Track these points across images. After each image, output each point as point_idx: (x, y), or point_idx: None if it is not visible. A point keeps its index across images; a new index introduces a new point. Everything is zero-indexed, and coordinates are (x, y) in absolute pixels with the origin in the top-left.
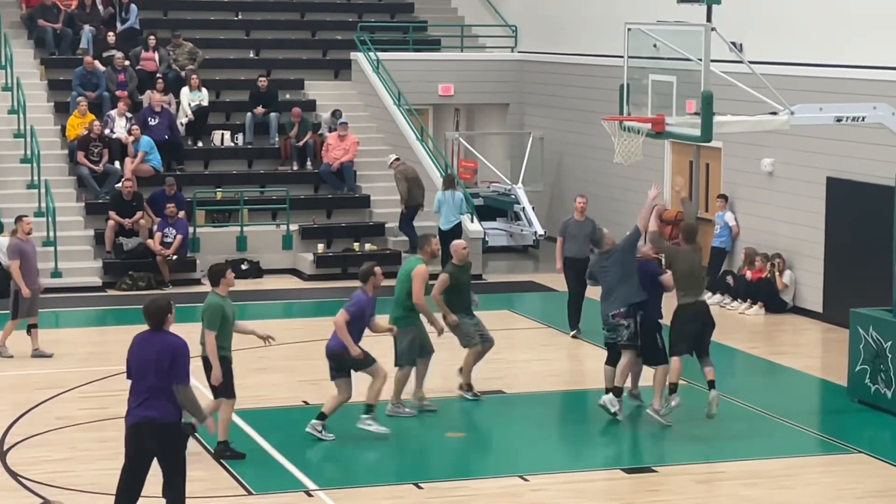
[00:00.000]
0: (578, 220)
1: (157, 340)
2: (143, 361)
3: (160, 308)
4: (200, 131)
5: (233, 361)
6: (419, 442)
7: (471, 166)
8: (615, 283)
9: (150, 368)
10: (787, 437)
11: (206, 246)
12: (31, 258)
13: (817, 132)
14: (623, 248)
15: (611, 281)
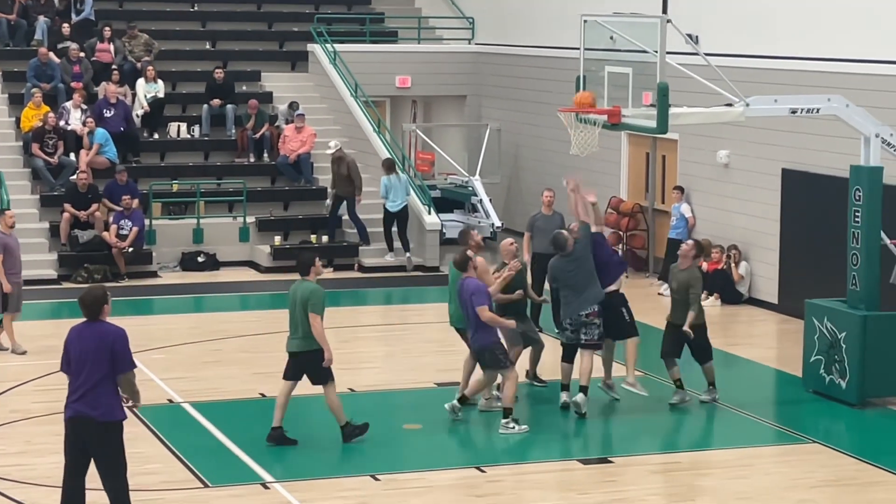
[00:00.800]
0: (546, 215)
1: (96, 331)
2: (82, 353)
3: (97, 298)
4: (156, 123)
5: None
6: (376, 434)
7: (428, 158)
8: (584, 284)
9: (89, 360)
10: (743, 427)
11: (162, 238)
12: (14, 252)
13: (772, 124)
14: (583, 248)
15: (579, 282)
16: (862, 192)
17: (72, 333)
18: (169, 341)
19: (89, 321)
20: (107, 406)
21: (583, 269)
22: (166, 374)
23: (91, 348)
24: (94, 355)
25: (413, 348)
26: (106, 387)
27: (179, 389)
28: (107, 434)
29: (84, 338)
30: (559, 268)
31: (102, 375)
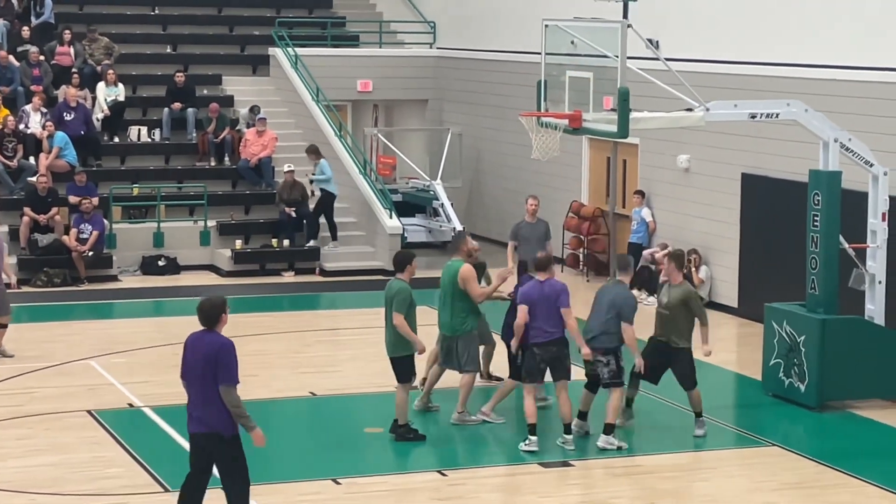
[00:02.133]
0: (530, 223)
1: (206, 341)
2: (194, 364)
3: (215, 306)
4: (117, 127)
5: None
6: (337, 437)
7: (389, 162)
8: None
9: (199, 372)
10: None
11: (122, 242)
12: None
13: (732, 129)
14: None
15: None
16: (821, 196)
17: (188, 342)
18: (130, 345)
19: (205, 330)
20: (216, 420)
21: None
22: (127, 379)
23: (200, 359)
24: (202, 367)
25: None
26: (215, 400)
27: (141, 394)
28: (218, 448)
29: (196, 348)
30: (614, 292)
31: (211, 389)
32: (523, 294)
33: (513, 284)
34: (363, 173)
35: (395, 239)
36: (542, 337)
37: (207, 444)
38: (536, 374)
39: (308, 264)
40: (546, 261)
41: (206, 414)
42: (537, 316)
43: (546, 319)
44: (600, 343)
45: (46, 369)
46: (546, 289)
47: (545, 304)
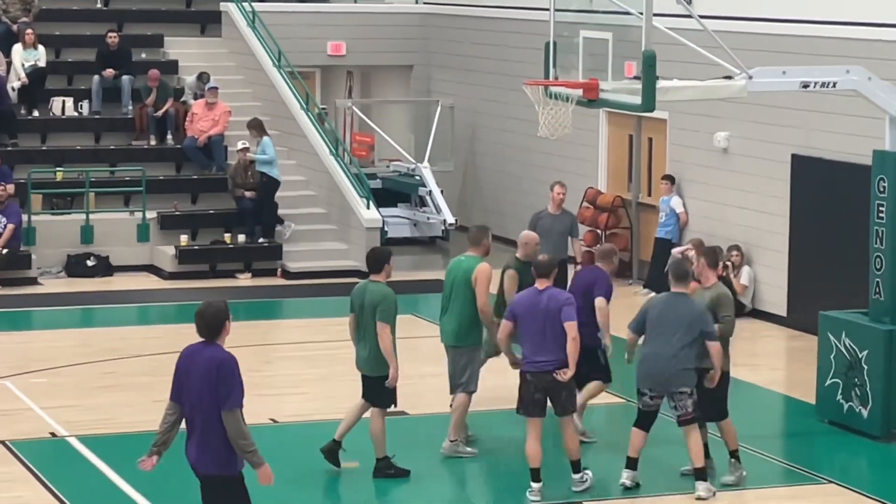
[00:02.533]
0: (553, 214)
1: (206, 356)
2: (189, 384)
3: (219, 311)
4: (36, 98)
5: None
6: (303, 472)
7: (366, 141)
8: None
9: (195, 394)
10: (747, 465)
11: (43, 237)
12: None
13: (780, 101)
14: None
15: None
16: (887, 181)
17: (183, 356)
18: (52, 362)
19: (204, 342)
20: (221, 457)
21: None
22: (49, 403)
23: (198, 378)
24: (199, 388)
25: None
26: (218, 430)
27: (65, 421)
28: (224, 491)
29: (193, 364)
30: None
31: (212, 415)
32: (513, 304)
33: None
34: (335, 155)
35: (372, 234)
36: (533, 366)
37: (210, 488)
38: (532, 407)
39: (268, 264)
40: (549, 266)
41: (207, 449)
42: (528, 334)
43: (538, 341)
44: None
45: None
46: (545, 300)
47: (540, 319)
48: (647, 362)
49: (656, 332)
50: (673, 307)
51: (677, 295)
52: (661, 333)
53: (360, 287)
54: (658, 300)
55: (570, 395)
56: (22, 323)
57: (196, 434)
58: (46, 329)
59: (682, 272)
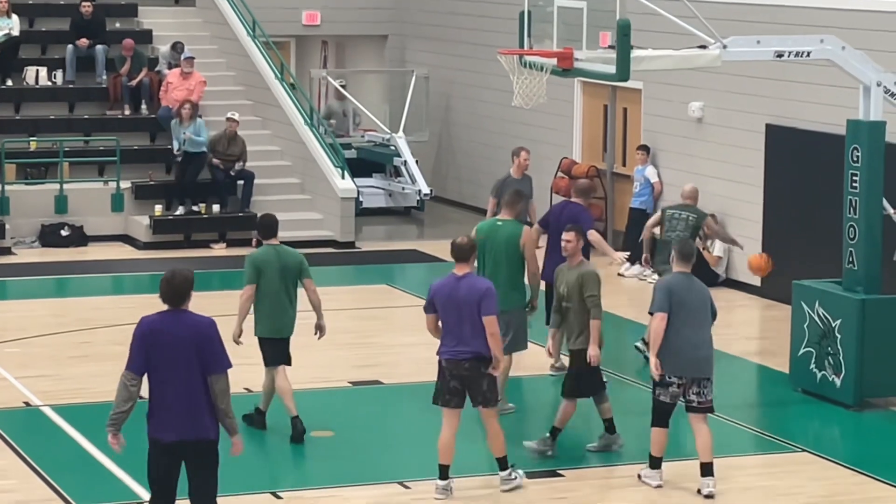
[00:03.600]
0: (517, 178)
1: (188, 323)
2: (174, 354)
3: (187, 279)
4: (9, 67)
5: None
6: (278, 444)
7: None
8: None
9: (182, 363)
10: (719, 433)
11: (16, 207)
12: None
13: (755, 70)
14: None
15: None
16: (861, 151)
17: (157, 326)
18: (26, 332)
19: (175, 310)
20: (207, 422)
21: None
22: (23, 372)
23: (185, 346)
24: (187, 356)
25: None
26: (202, 397)
27: (39, 390)
28: (203, 456)
29: (177, 333)
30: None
31: (198, 382)
32: (431, 292)
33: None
34: (309, 125)
35: (347, 203)
36: (450, 353)
37: (188, 455)
38: (450, 397)
39: (243, 234)
40: (469, 249)
41: (193, 416)
42: (446, 324)
43: (457, 332)
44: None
45: None
46: (463, 289)
47: (458, 309)
48: (684, 350)
49: (683, 317)
50: (691, 289)
51: (688, 276)
52: (689, 318)
53: (275, 252)
54: (676, 283)
55: (492, 386)
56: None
57: (172, 403)
58: (20, 299)
59: (688, 251)
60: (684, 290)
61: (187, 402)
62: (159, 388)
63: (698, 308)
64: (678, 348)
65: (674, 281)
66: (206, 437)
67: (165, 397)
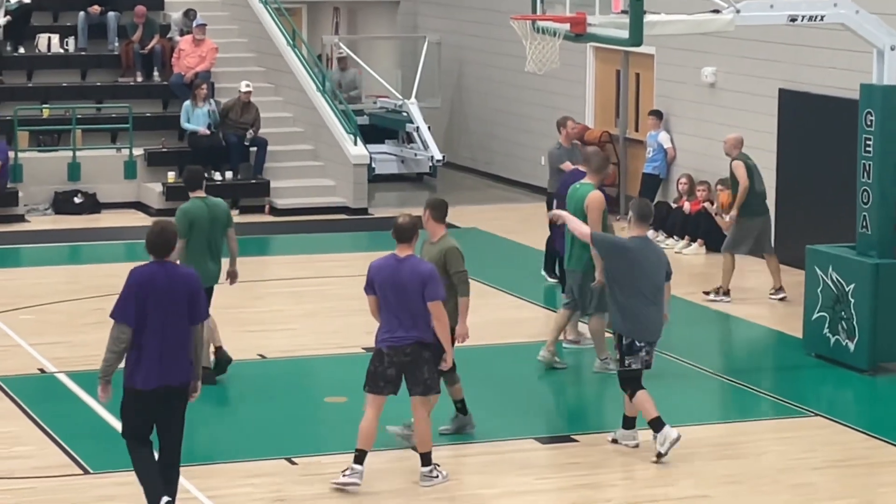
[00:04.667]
0: (567, 148)
1: (178, 274)
2: (169, 304)
3: (174, 233)
4: (22, 35)
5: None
6: (292, 408)
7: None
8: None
9: (176, 313)
10: (733, 398)
11: (30, 174)
12: None
13: (768, 35)
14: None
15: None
16: (874, 115)
17: (148, 278)
18: (40, 299)
19: (160, 262)
20: (188, 368)
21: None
22: (37, 339)
23: (180, 296)
24: (179, 306)
25: (337, 306)
26: (184, 345)
27: (53, 357)
28: (180, 400)
29: (171, 284)
30: (641, 249)
31: (187, 331)
32: (370, 272)
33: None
34: (322, 91)
35: (360, 170)
36: (391, 341)
37: (168, 399)
38: (384, 384)
39: (256, 201)
40: (411, 229)
41: (178, 363)
42: (387, 308)
43: (397, 317)
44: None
45: None
46: (406, 272)
47: (399, 293)
48: (651, 315)
49: (646, 281)
50: (652, 252)
51: (646, 239)
52: (650, 281)
53: (203, 204)
54: (637, 247)
55: (433, 373)
56: (9, 260)
57: (161, 351)
58: (34, 266)
59: (647, 212)
60: (649, 254)
61: (175, 350)
62: (148, 337)
63: (656, 272)
64: (644, 316)
65: (636, 247)
66: (186, 380)
67: (154, 346)
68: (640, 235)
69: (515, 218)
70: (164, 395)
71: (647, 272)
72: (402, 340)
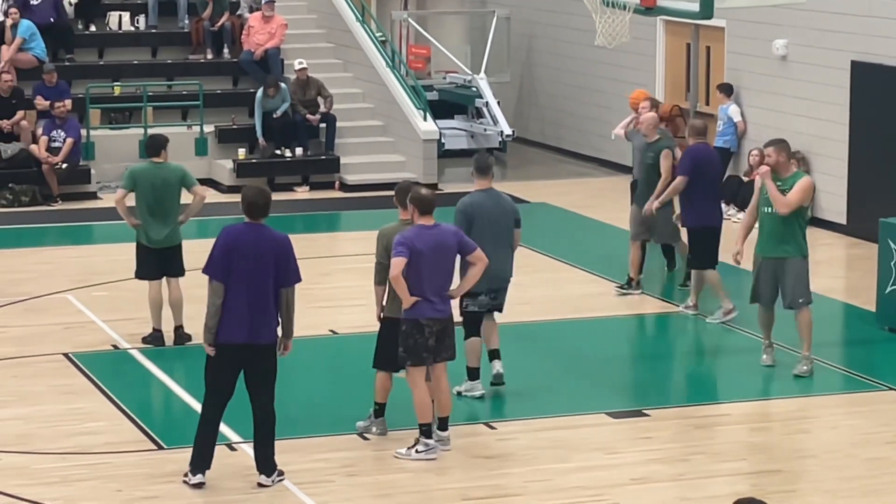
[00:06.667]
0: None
1: (267, 236)
2: (255, 264)
3: (268, 195)
4: (93, 13)
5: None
6: (363, 384)
7: (423, 53)
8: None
9: (261, 273)
10: None
11: (102, 152)
12: None
13: (840, 6)
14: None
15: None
16: None
17: (235, 237)
18: (113, 276)
19: (253, 223)
20: (268, 325)
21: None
22: (110, 315)
23: (264, 257)
24: (265, 267)
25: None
26: (270, 306)
27: (126, 333)
28: (268, 358)
29: (258, 245)
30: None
31: (271, 291)
32: (408, 238)
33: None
34: (391, 67)
35: (430, 146)
36: (434, 312)
37: (251, 357)
38: (421, 354)
39: (326, 177)
40: (434, 201)
41: (263, 322)
42: (429, 277)
43: (439, 284)
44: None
45: (13, 305)
46: (438, 238)
47: (441, 257)
48: (495, 263)
49: (485, 234)
50: (492, 202)
51: (487, 192)
52: (488, 233)
53: (146, 169)
54: (478, 201)
55: (453, 340)
56: (82, 237)
57: (245, 309)
58: (106, 243)
59: (487, 165)
60: (492, 206)
61: (259, 310)
62: (234, 294)
63: (497, 220)
64: (493, 263)
65: (476, 202)
66: (270, 341)
67: (240, 304)
68: (482, 188)
69: (586, 193)
70: (246, 353)
71: (487, 222)
72: (443, 312)
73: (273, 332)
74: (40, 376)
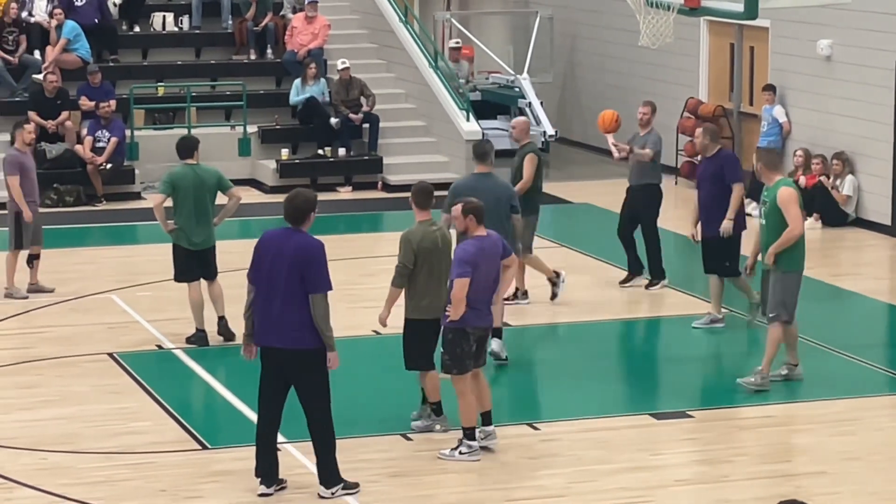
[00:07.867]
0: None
1: (294, 241)
2: (276, 267)
3: (308, 200)
4: (137, 14)
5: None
6: (406, 385)
7: (466, 53)
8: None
9: (276, 275)
10: (849, 373)
11: (146, 152)
12: (31, 174)
13: (885, 6)
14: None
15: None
16: None
17: (266, 240)
18: (157, 276)
19: (290, 228)
20: (292, 331)
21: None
22: (154, 315)
23: (287, 262)
24: (288, 271)
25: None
26: (299, 310)
27: (170, 333)
28: (302, 364)
29: (282, 249)
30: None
31: (296, 296)
32: (466, 257)
33: None
34: (434, 67)
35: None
36: (481, 321)
37: (288, 364)
38: (466, 362)
39: (369, 177)
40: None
41: (290, 327)
42: (481, 286)
43: (489, 292)
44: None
45: (57, 305)
46: (492, 249)
47: (490, 269)
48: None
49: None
50: (490, 188)
51: (487, 175)
52: (493, 217)
53: (183, 172)
54: (471, 184)
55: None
56: (126, 237)
57: (270, 312)
58: (150, 243)
59: (484, 151)
60: (473, 190)
61: (284, 314)
62: (265, 297)
63: (488, 205)
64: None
65: (463, 181)
66: (304, 346)
67: (266, 307)
68: (480, 172)
69: None
70: (284, 358)
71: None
72: (488, 320)
73: (309, 339)
74: (85, 376)
